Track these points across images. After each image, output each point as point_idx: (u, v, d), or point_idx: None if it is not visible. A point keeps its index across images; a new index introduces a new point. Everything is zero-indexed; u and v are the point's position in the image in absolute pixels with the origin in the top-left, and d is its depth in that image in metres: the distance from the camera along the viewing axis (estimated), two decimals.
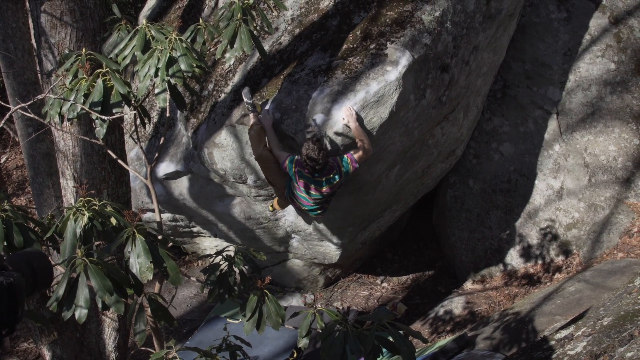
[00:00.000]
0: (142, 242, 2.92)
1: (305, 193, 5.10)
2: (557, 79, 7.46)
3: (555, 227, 7.30)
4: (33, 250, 2.07)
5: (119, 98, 3.45)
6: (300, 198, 5.21)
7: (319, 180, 4.97)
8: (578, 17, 7.61)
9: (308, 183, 4.99)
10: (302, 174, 4.95)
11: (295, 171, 4.98)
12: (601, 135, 7.24)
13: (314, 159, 4.70)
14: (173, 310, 7.36)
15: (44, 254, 2.08)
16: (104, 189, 4.98)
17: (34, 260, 2.03)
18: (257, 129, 5.09)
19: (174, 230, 7.58)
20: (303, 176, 4.96)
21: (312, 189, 5.04)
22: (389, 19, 5.32)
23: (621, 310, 4.26)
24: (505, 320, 6.01)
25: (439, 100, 5.64)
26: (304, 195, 5.13)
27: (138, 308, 3.21)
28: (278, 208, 6.07)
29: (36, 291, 2.04)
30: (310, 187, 5.02)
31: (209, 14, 6.47)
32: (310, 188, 5.03)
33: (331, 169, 4.93)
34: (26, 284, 1.95)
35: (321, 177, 4.94)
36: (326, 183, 4.99)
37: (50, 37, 4.49)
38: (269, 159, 5.14)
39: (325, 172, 4.91)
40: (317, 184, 5.00)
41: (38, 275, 2.02)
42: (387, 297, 8.03)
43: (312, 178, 4.95)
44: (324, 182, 4.98)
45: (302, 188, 5.06)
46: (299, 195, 5.19)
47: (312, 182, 4.99)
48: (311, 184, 4.99)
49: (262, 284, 3.36)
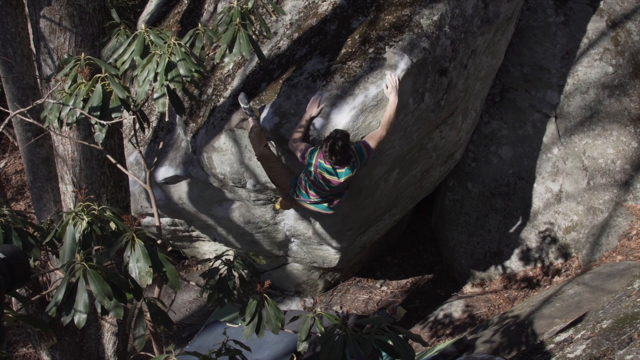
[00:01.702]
0: (141, 246, 2.92)
1: (319, 185, 4.99)
2: (556, 83, 7.47)
3: (554, 230, 7.30)
4: (9, 247, 2.06)
5: (118, 103, 3.46)
6: (310, 192, 5.11)
7: (339, 171, 4.85)
8: (576, 21, 7.63)
9: (326, 174, 4.87)
10: (322, 165, 4.81)
11: (316, 163, 4.84)
12: (599, 138, 7.25)
13: (337, 150, 4.62)
14: (172, 314, 7.36)
15: (20, 250, 2.07)
16: (103, 193, 4.99)
17: (11, 257, 2.02)
18: (257, 130, 5.08)
19: (174, 234, 7.58)
20: (323, 168, 4.83)
21: (330, 180, 4.91)
22: (387, 23, 5.33)
23: (620, 313, 4.26)
24: (505, 324, 6.01)
25: (438, 104, 5.65)
26: (315, 188, 5.04)
27: (137, 313, 3.21)
28: (282, 208, 6.02)
29: (14, 288, 2.03)
30: (328, 178, 4.90)
31: (207, 19, 6.48)
32: (327, 180, 4.91)
33: (350, 159, 4.82)
34: (4, 280, 1.95)
35: (342, 167, 4.83)
36: (344, 174, 4.88)
37: (49, 42, 4.51)
38: (270, 158, 5.10)
39: (344, 162, 4.80)
40: (336, 175, 4.87)
41: (16, 272, 2.01)
42: (387, 300, 8.02)
43: (332, 169, 4.83)
44: (343, 172, 4.86)
45: (318, 180, 4.93)
46: (307, 190, 5.09)
47: (332, 174, 4.87)
48: (330, 175, 4.87)
49: (262, 288, 3.36)
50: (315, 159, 4.82)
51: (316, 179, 4.92)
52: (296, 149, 4.91)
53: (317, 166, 4.83)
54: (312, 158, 4.82)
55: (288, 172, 5.22)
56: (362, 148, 4.87)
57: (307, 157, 4.85)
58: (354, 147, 4.84)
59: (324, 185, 4.96)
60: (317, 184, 4.96)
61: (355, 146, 4.85)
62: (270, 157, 5.12)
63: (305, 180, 5.03)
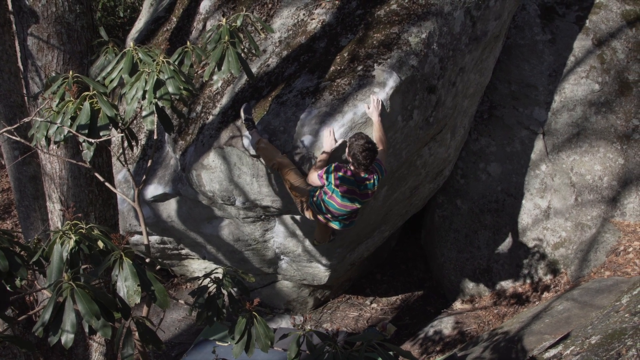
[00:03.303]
0: (129, 265, 2.90)
1: (344, 200, 4.81)
2: (543, 100, 7.54)
3: (543, 246, 7.32)
4: None
5: (106, 121, 3.45)
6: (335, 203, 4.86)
7: (363, 183, 4.75)
8: (562, 39, 7.73)
9: (351, 187, 4.73)
10: (345, 178, 4.68)
11: (336, 177, 4.68)
12: (587, 155, 7.31)
13: (367, 153, 4.52)
14: (161, 333, 7.29)
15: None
16: (91, 212, 4.95)
17: None
18: (265, 141, 5.05)
19: (162, 252, 7.53)
20: (346, 180, 4.69)
21: (355, 193, 4.77)
22: (376, 40, 5.36)
23: (609, 328, 4.27)
24: (495, 340, 6.00)
25: (427, 121, 5.68)
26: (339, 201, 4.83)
27: (125, 332, 3.17)
28: (319, 241, 5.83)
29: None
30: (354, 191, 4.75)
31: (196, 37, 6.50)
32: (354, 193, 4.76)
33: (373, 171, 4.75)
34: None
35: (367, 178, 4.73)
36: (369, 186, 4.78)
37: (37, 59, 4.50)
38: (288, 165, 4.99)
39: (369, 172, 4.72)
40: (362, 187, 4.76)
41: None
42: (377, 317, 8.00)
43: (356, 181, 4.72)
44: (368, 184, 4.76)
45: (340, 194, 4.75)
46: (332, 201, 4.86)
47: (357, 186, 4.74)
48: (355, 187, 4.74)
49: (251, 306, 3.34)
50: (335, 172, 4.69)
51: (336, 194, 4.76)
52: (314, 178, 4.83)
53: (339, 180, 4.68)
54: (330, 176, 4.70)
55: (304, 180, 5.06)
56: (380, 164, 4.84)
57: (324, 175, 4.73)
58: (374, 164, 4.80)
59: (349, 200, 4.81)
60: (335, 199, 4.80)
61: (375, 164, 4.81)
62: (288, 165, 5.00)
63: (323, 196, 4.86)
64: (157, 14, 7.22)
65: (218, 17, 6.31)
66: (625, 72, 7.54)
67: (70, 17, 4.46)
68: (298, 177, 5.04)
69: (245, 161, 5.35)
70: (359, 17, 5.59)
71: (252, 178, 5.45)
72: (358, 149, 4.53)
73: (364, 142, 4.53)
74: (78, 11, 4.50)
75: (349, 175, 4.69)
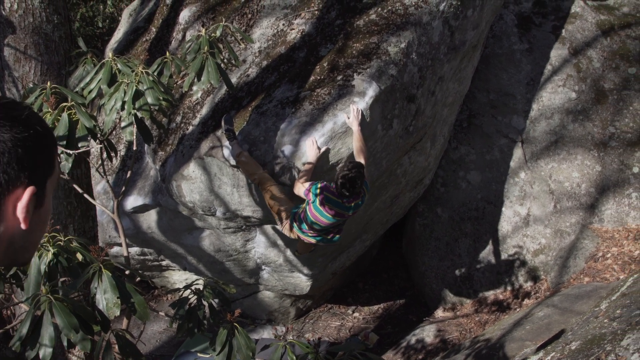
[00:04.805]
0: (108, 277, 2.88)
1: (324, 217, 4.77)
2: (521, 108, 7.62)
3: (523, 253, 7.38)
4: None
5: (85, 132, 3.43)
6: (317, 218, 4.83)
7: (347, 205, 4.72)
8: (539, 48, 7.83)
9: (334, 208, 4.70)
10: (330, 198, 4.65)
11: (321, 197, 4.65)
12: (565, 162, 7.39)
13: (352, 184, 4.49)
14: (142, 346, 7.22)
15: None
16: (70, 223, 4.91)
17: None
18: (246, 155, 5.02)
19: (143, 264, 7.47)
20: (330, 201, 4.66)
21: (335, 213, 4.74)
22: (355, 50, 5.39)
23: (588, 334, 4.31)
24: (477, 347, 6.02)
25: (406, 130, 5.71)
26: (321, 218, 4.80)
27: (105, 345, 3.14)
28: (301, 252, 5.80)
29: None
30: (335, 211, 4.72)
31: (176, 47, 6.48)
32: (334, 213, 4.73)
33: (359, 194, 4.70)
34: None
35: (350, 202, 4.70)
36: (354, 208, 4.76)
37: (14, 70, 4.46)
38: (269, 181, 4.97)
39: (355, 196, 4.68)
40: (345, 209, 4.73)
41: None
42: (359, 327, 7.99)
43: (341, 203, 4.68)
44: (352, 206, 4.74)
45: (322, 211, 4.72)
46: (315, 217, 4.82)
47: (340, 207, 4.71)
48: (338, 208, 4.71)
49: (232, 317, 3.33)
50: (320, 193, 4.66)
51: (320, 213, 4.74)
52: (300, 190, 4.81)
53: (324, 199, 4.66)
54: (315, 194, 4.67)
55: (286, 197, 5.05)
56: (367, 182, 4.82)
57: (310, 192, 4.71)
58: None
59: (326, 219, 4.78)
60: (319, 218, 4.78)
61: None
62: (269, 180, 4.99)
63: (307, 213, 4.83)
64: (136, 24, 7.20)
65: (197, 28, 6.31)
66: (601, 80, 7.65)
67: (47, 27, 4.43)
68: (278, 193, 5.02)
69: (226, 171, 5.34)
70: (338, 27, 5.62)
71: (232, 188, 5.43)
72: (341, 179, 4.51)
73: (351, 173, 4.48)
74: (56, 22, 4.48)
75: (335, 197, 4.65)
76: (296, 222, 4.99)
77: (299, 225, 4.98)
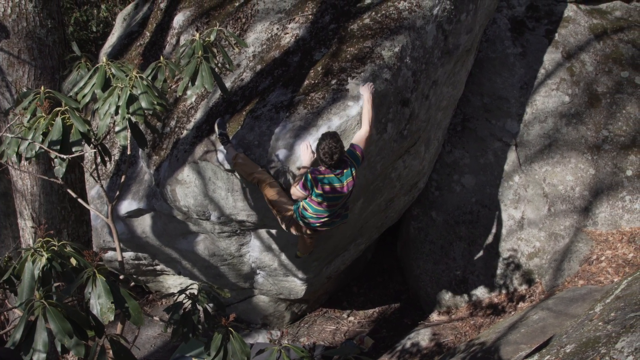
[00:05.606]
0: (102, 282, 2.87)
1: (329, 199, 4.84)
2: (515, 112, 7.65)
3: (517, 256, 7.39)
4: None
5: (79, 136, 3.43)
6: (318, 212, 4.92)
7: (340, 176, 4.78)
8: (533, 52, 7.86)
9: (332, 183, 4.77)
10: (323, 179, 4.74)
11: (316, 180, 4.73)
12: (559, 165, 7.42)
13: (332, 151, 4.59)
14: (136, 351, 7.19)
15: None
16: (64, 228, 4.90)
17: None
18: (243, 155, 5.03)
19: (137, 268, 7.45)
20: (322, 180, 4.74)
21: (337, 188, 4.81)
22: (349, 54, 5.40)
23: (583, 337, 4.31)
24: (472, 351, 6.02)
25: (401, 134, 5.72)
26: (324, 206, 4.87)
27: (99, 350, 3.13)
28: (302, 252, 5.90)
29: None
30: (335, 186, 4.80)
31: (170, 52, 6.48)
32: (335, 188, 4.80)
33: (346, 163, 4.78)
34: None
35: (341, 171, 4.77)
36: (345, 176, 4.80)
37: (7, 75, 4.45)
38: (267, 180, 5.00)
39: (342, 165, 4.75)
40: (337, 181, 4.79)
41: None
42: (354, 331, 7.98)
43: (334, 176, 4.76)
44: (343, 176, 4.79)
45: (327, 191, 4.79)
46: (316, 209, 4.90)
47: (336, 181, 4.78)
48: (335, 183, 4.78)
49: (227, 321, 3.32)
50: (312, 176, 4.73)
51: (326, 195, 4.80)
52: (296, 192, 4.85)
53: (320, 182, 4.74)
54: (309, 181, 4.73)
55: (286, 194, 5.07)
56: (354, 151, 4.87)
57: (304, 183, 4.76)
58: (347, 152, 4.83)
59: (333, 199, 4.86)
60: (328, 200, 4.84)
61: (348, 152, 4.84)
62: (267, 179, 5.01)
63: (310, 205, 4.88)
64: (131, 29, 7.20)
65: (192, 32, 6.31)
66: (594, 84, 7.68)
67: (41, 32, 4.42)
68: (278, 192, 5.03)
69: (220, 176, 5.33)
70: (332, 32, 5.63)
71: (227, 193, 5.43)
72: (321, 151, 4.63)
73: (325, 144, 4.60)
74: (50, 26, 4.47)
75: (326, 174, 4.73)
76: (300, 215, 5.01)
77: (302, 218, 5.00)
